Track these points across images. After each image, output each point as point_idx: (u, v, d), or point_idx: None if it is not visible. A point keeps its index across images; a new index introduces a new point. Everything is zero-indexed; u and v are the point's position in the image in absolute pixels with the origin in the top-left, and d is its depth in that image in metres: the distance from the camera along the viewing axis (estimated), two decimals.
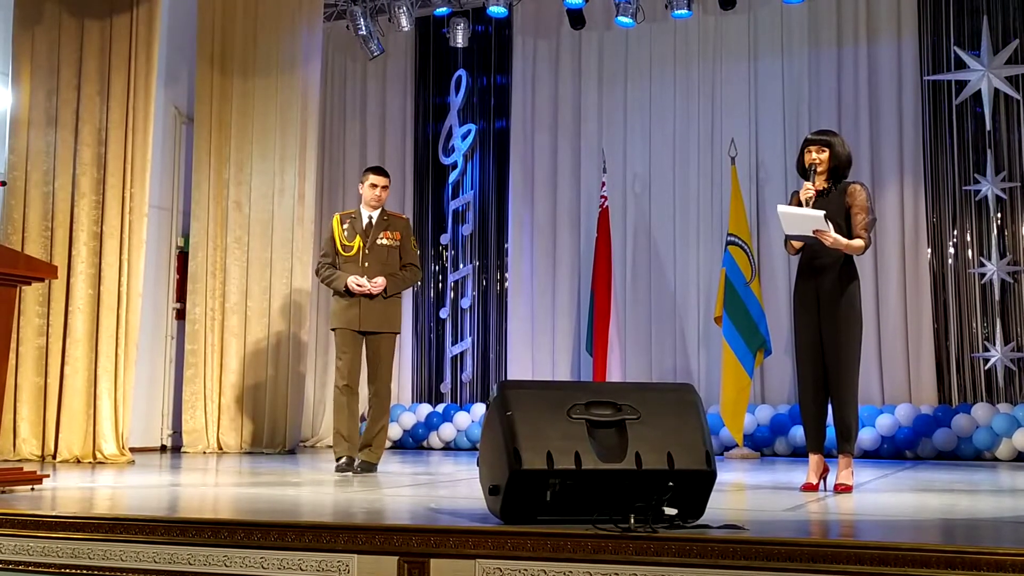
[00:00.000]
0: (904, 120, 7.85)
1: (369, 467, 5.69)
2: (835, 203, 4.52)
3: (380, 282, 5.71)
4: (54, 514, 3.33)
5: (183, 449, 7.84)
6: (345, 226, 5.86)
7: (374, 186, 5.84)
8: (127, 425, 6.61)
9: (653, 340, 8.38)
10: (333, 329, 5.86)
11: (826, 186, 4.58)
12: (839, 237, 4.39)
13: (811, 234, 4.38)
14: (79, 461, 6.38)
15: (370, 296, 5.70)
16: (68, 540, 3.20)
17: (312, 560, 2.96)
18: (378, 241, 5.81)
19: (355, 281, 5.68)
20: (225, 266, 8.08)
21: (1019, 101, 7.48)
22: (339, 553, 2.94)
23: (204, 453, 7.72)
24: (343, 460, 5.65)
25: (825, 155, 4.54)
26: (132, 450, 6.71)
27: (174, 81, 8.41)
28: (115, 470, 5.86)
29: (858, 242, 4.47)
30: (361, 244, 5.79)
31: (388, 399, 5.88)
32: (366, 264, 5.76)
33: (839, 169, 4.57)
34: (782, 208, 4.50)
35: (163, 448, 8.20)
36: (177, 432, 8.12)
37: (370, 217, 5.86)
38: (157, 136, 7.36)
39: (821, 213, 4.37)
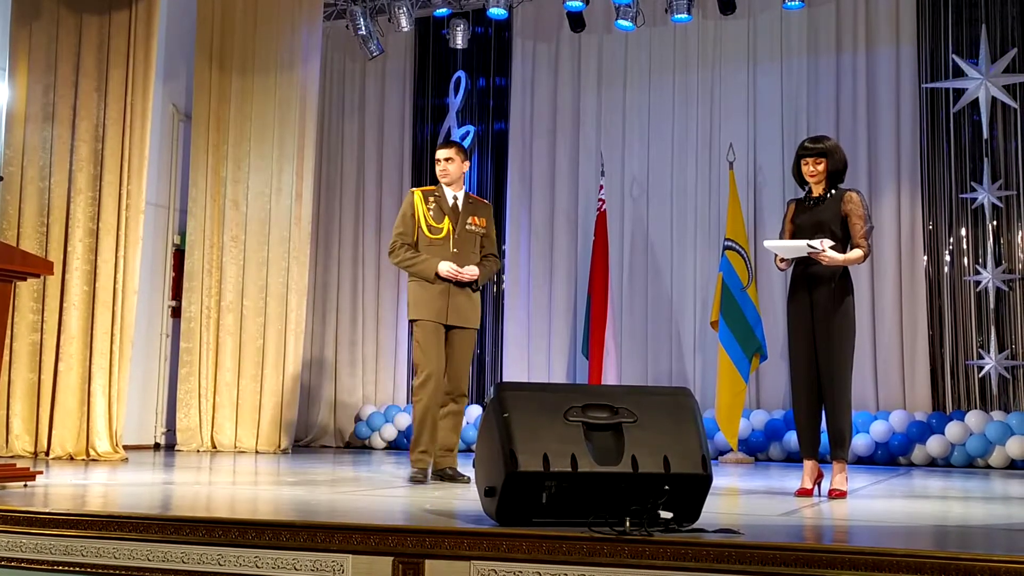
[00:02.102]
0: (902, 127, 7.87)
1: (460, 474, 5.16)
2: (831, 210, 4.53)
3: (475, 271, 5.17)
4: (47, 511, 3.32)
5: (177, 447, 7.82)
6: (430, 205, 5.24)
7: (437, 160, 5.33)
8: (121, 422, 6.59)
9: (649, 344, 8.38)
10: (414, 320, 5.17)
11: (821, 193, 4.59)
12: (834, 255, 4.40)
13: (806, 253, 4.42)
14: (72, 458, 6.36)
15: (459, 285, 5.14)
16: (61, 537, 3.19)
17: (306, 560, 2.95)
18: (467, 226, 5.26)
19: (451, 268, 5.10)
20: (221, 264, 8.07)
21: (1016, 110, 7.50)
22: (334, 553, 2.93)
23: (198, 452, 7.71)
24: (423, 472, 5.10)
25: (822, 166, 4.55)
26: (125, 448, 6.70)
27: (172, 78, 8.40)
28: (108, 467, 5.85)
29: (856, 253, 4.48)
30: (451, 227, 5.21)
31: (465, 400, 5.32)
32: (455, 250, 5.18)
33: (834, 175, 4.58)
34: (768, 243, 4.57)
35: (157, 446, 8.18)
36: (171, 430, 8.10)
37: (455, 198, 5.29)
38: (154, 133, 7.35)
39: (803, 243, 4.41)
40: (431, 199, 5.27)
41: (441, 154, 5.33)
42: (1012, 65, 7.53)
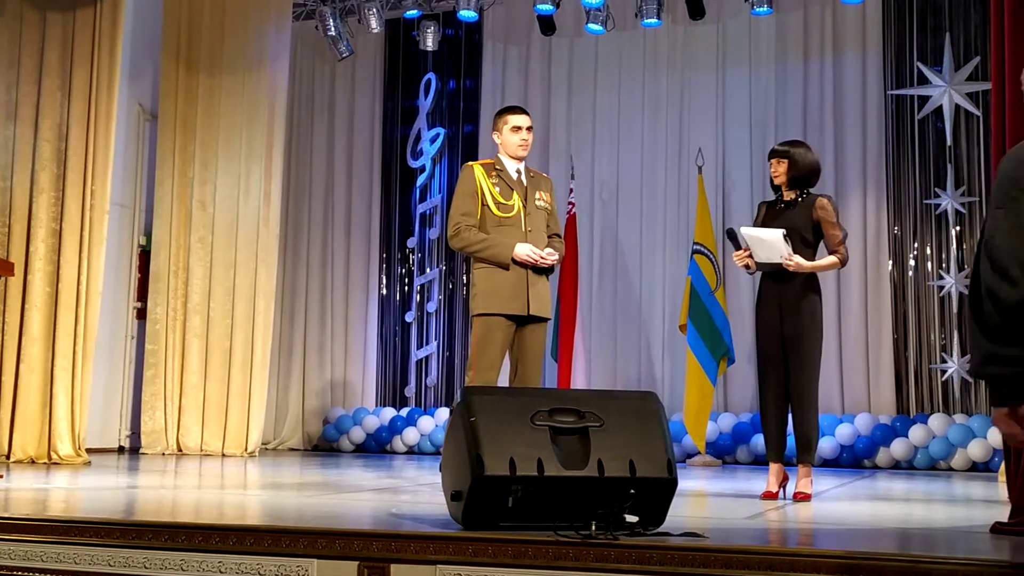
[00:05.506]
0: (868, 133, 7.96)
1: None
2: (801, 215, 4.56)
3: (555, 254, 4.60)
4: (6, 516, 3.26)
5: (141, 450, 7.74)
6: (494, 180, 4.65)
7: (517, 128, 4.70)
8: (84, 425, 6.50)
9: (618, 347, 8.41)
10: (481, 315, 4.53)
11: (792, 197, 4.62)
12: (802, 262, 4.43)
13: (779, 260, 4.43)
14: (34, 462, 6.27)
15: (536, 271, 4.55)
16: (20, 542, 3.14)
17: (271, 564, 2.92)
18: (536, 202, 4.68)
19: (530, 251, 4.50)
20: (188, 266, 7.99)
21: (979, 117, 7.61)
22: (299, 558, 2.91)
23: (163, 455, 7.63)
24: None
25: (783, 167, 4.58)
26: (89, 451, 6.61)
27: (138, 77, 8.30)
28: (70, 471, 5.77)
29: (830, 259, 4.52)
30: (521, 204, 4.65)
31: None
32: (529, 229, 4.60)
33: (800, 179, 4.60)
34: (745, 230, 4.55)
35: (121, 449, 8.08)
36: (135, 433, 8.01)
37: (518, 171, 4.72)
38: (120, 133, 7.27)
39: (779, 232, 4.42)
40: (493, 172, 4.67)
41: (525, 121, 4.74)
42: (975, 73, 7.64)
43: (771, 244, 4.44)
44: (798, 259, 4.42)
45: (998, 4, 3.78)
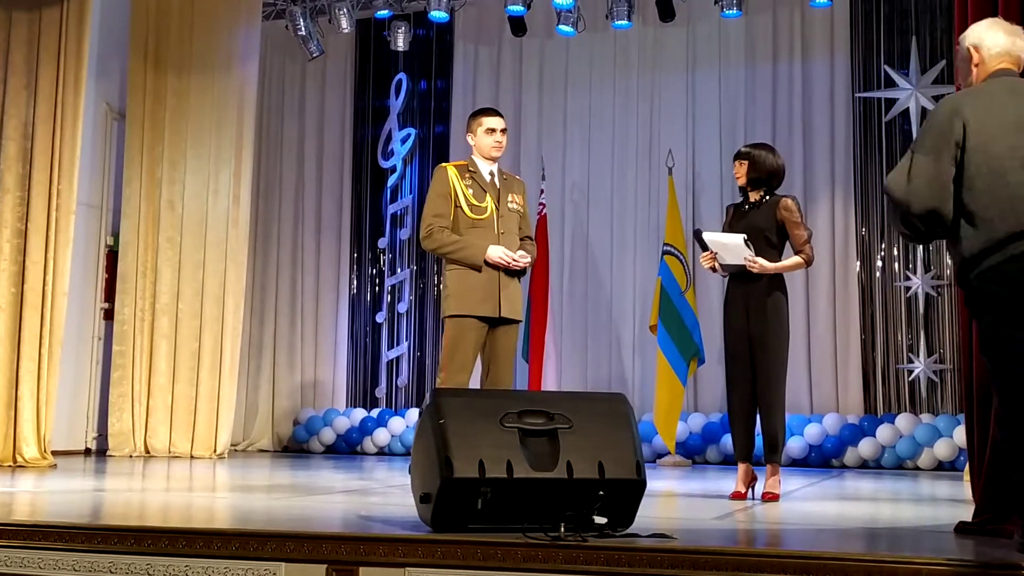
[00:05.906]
0: (836, 135, 8.04)
1: None
2: (765, 216, 4.59)
3: (527, 257, 4.61)
4: None
5: (109, 453, 7.65)
6: (467, 181, 4.63)
7: (492, 130, 4.69)
8: (49, 427, 6.43)
9: (589, 348, 8.43)
10: (453, 316, 4.51)
11: (757, 198, 4.65)
12: (764, 263, 4.46)
13: (743, 263, 4.47)
14: None
15: (508, 274, 4.55)
16: None
17: (238, 568, 2.91)
18: (508, 205, 4.69)
19: (503, 253, 4.50)
20: (156, 266, 7.91)
21: None
22: (266, 561, 2.90)
23: (131, 457, 7.55)
24: None
25: (744, 168, 4.62)
26: (55, 453, 6.53)
27: (106, 76, 8.21)
28: (36, 474, 5.70)
29: (795, 260, 4.55)
30: (494, 206, 4.64)
31: None
32: (501, 232, 4.60)
33: (761, 180, 4.62)
34: (708, 235, 4.59)
35: (88, 451, 7.99)
36: (102, 435, 7.92)
37: (491, 173, 4.71)
38: (87, 132, 7.19)
39: (741, 237, 4.46)
40: (467, 174, 4.65)
41: (498, 123, 4.72)
42: (941, 76, 7.74)
43: (733, 248, 4.48)
44: (761, 261, 4.46)
45: (962, 8, 3.83)
